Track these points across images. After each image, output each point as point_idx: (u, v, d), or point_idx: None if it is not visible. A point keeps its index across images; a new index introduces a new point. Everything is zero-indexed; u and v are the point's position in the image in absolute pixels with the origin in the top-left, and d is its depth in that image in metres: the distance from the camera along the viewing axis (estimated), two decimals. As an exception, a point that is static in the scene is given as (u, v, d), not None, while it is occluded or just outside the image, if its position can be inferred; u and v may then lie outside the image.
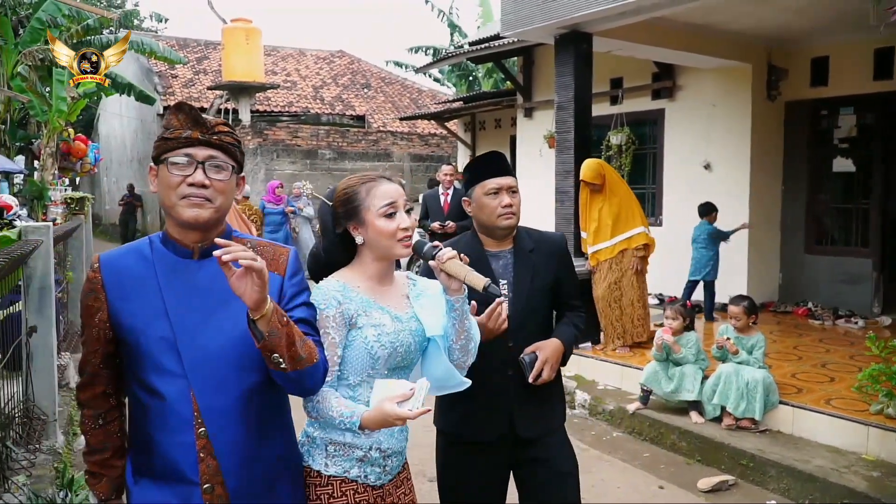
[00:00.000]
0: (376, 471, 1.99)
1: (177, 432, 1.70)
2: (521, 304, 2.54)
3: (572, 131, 6.44)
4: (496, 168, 2.58)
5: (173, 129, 1.71)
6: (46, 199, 13.94)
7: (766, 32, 7.71)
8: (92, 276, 1.76)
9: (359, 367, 1.96)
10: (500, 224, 2.54)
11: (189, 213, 1.70)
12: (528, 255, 2.60)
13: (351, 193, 2.04)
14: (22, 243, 3.80)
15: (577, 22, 6.05)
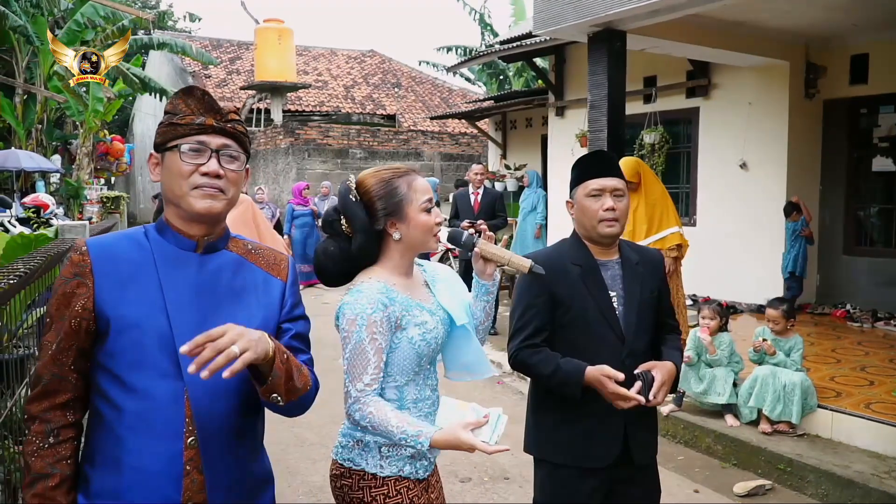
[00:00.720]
0: (424, 464, 2.01)
1: (163, 439, 1.53)
2: (632, 317, 2.38)
3: (605, 130, 6.36)
4: (601, 167, 2.38)
5: (183, 114, 1.59)
6: (82, 198, 14.22)
7: (804, 29, 7.55)
8: (78, 259, 1.56)
9: (406, 367, 1.96)
10: (601, 231, 2.35)
11: (201, 205, 1.58)
12: (634, 266, 2.44)
13: (391, 188, 1.97)
14: (59, 242, 3.84)
15: (611, 19, 5.96)
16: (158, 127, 1.62)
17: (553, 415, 2.44)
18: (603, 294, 2.37)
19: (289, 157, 14.92)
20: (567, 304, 2.37)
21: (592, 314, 2.35)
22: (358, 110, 22.16)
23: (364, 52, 26.72)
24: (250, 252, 1.74)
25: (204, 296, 1.61)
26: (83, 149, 14.74)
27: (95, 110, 14.44)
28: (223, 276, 1.64)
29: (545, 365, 2.33)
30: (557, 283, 2.36)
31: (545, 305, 2.38)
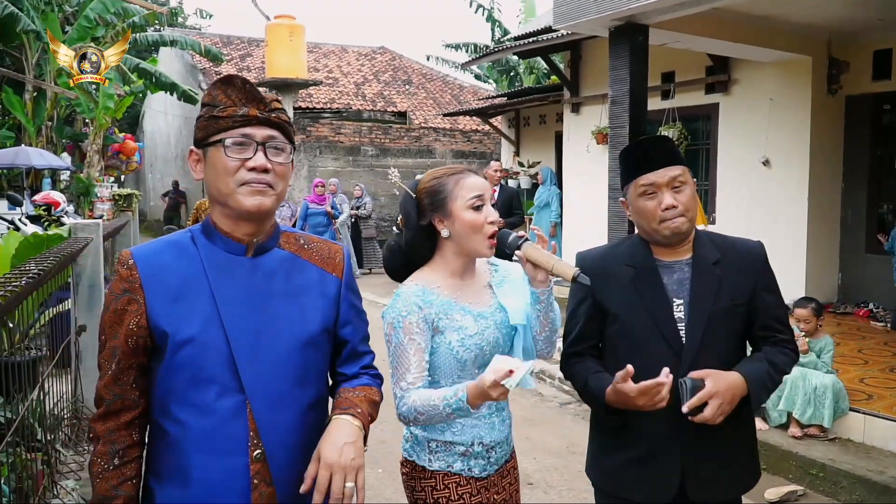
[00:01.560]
0: (480, 463, 2.00)
1: (228, 455, 1.48)
2: (697, 331, 1.98)
3: (627, 126, 6.23)
4: (651, 159, 2.01)
5: (224, 105, 1.49)
6: (93, 195, 14.15)
7: (827, 24, 7.40)
8: (126, 274, 1.49)
9: (447, 371, 1.95)
10: (663, 231, 2.00)
11: (251, 202, 1.49)
12: (711, 268, 2.03)
13: (438, 185, 1.97)
14: (72, 241, 3.75)
15: (634, 13, 5.83)
16: (197, 121, 1.53)
17: (602, 437, 2.18)
18: (660, 301, 2.02)
19: (300, 155, 14.83)
20: (613, 312, 2.07)
21: (644, 325, 2.02)
22: (369, 107, 22.03)
23: (374, 49, 26.60)
24: (303, 247, 1.67)
25: (258, 302, 1.55)
26: (94, 146, 14.68)
27: (106, 107, 14.37)
28: (277, 279, 1.58)
29: (578, 378, 2.10)
30: (603, 287, 2.06)
31: (588, 312, 2.12)
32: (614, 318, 2.08)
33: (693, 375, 1.91)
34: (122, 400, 1.52)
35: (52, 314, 4.22)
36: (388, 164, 15.31)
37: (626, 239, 2.21)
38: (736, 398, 1.90)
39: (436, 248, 2.02)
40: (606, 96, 9.09)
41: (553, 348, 2.06)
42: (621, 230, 6.39)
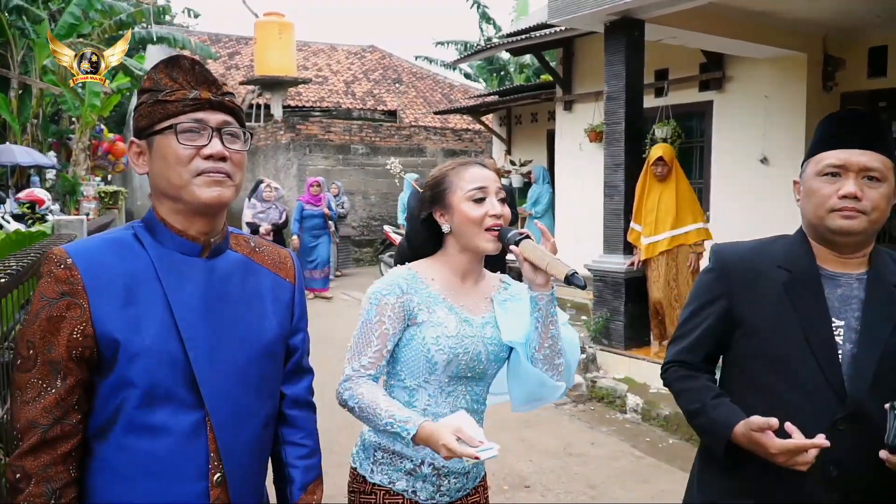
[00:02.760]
0: (428, 488, 1.80)
1: (184, 481, 1.31)
2: (868, 362, 1.54)
3: (623, 122, 6.16)
4: (848, 135, 1.59)
5: (170, 89, 1.33)
6: (79, 193, 13.96)
7: (823, 21, 7.34)
8: (64, 275, 1.27)
9: (415, 369, 1.77)
10: (830, 224, 1.59)
11: (209, 193, 1.33)
12: (891, 288, 1.60)
13: (440, 177, 1.84)
14: (55, 238, 3.62)
15: (630, 8, 5.75)
16: (137, 109, 1.35)
17: (721, 485, 1.73)
18: (820, 319, 1.59)
19: (290, 153, 14.68)
20: (753, 323, 1.66)
21: (794, 346, 1.59)
22: (359, 106, 21.92)
23: (364, 48, 26.47)
24: (254, 250, 1.52)
25: (216, 309, 1.38)
26: (80, 144, 14.49)
27: (92, 105, 14.18)
28: (232, 283, 1.42)
29: (691, 398, 1.71)
30: (745, 289, 1.68)
31: (717, 316, 1.73)
32: (753, 331, 1.67)
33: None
34: (61, 426, 1.27)
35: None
36: (379, 162, 15.18)
37: (783, 236, 1.79)
38: None
39: (439, 246, 1.88)
40: (599, 94, 9.02)
41: (557, 373, 1.79)
42: (617, 227, 6.32)
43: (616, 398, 5.85)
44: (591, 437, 5.21)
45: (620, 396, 5.80)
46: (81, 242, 1.38)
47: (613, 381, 6.04)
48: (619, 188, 6.27)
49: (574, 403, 5.98)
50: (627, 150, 6.20)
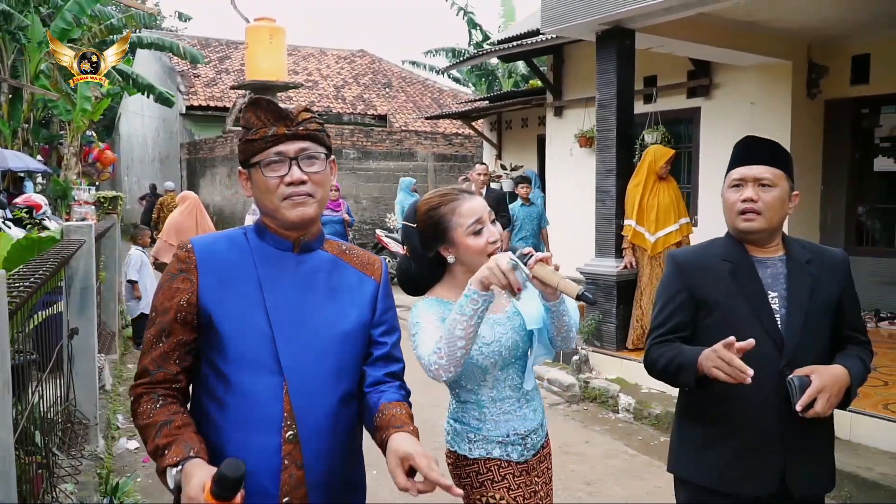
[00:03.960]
0: (518, 449, 2.11)
1: (261, 432, 1.54)
2: (797, 322, 2.05)
3: (614, 129, 6.30)
4: (750, 154, 2.12)
5: (255, 128, 1.59)
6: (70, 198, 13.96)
7: (807, 29, 7.53)
8: (184, 255, 1.60)
9: (472, 376, 2.08)
10: (738, 225, 2.10)
11: (294, 214, 1.61)
12: (804, 266, 2.11)
13: (436, 217, 2.05)
14: (65, 243, 3.71)
15: (621, 17, 5.90)
16: (238, 143, 1.63)
17: (700, 431, 2.18)
18: (757, 293, 2.08)
19: (281, 158, 14.76)
20: (711, 303, 2.12)
21: (742, 315, 2.06)
22: (349, 110, 22.03)
23: (354, 52, 26.59)
24: (344, 252, 1.76)
25: (301, 294, 1.64)
26: (71, 148, 14.50)
27: (84, 109, 14.19)
28: (319, 275, 1.67)
29: (668, 353, 2.11)
30: (700, 280, 2.15)
31: (684, 304, 2.16)
32: (711, 308, 2.12)
33: (798, 373, 1.95)
34: (163, 373, 1.58)
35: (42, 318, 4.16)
36: (371, 167, 15.29)
37: (718, 238, 2.27)
38: (842, 390, 1.95)
39: (445, 270, 2.14)
40: (589, 100, 9.18)
41: (569, 342, 2.14)
42: (609, 231, 6.46)
43: (608, 398, 5.98)
44: (586, 437, 5.34)
45: (613, 396, 5.93)
46: (203, 236, 1.70)
47: (606, 382, 6.18)
48: (610, 193, 6.42)
49: (568, 404, 6.11)
50: (619, 156, 6.35)
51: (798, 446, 2.04)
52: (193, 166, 20.10)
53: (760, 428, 2.04)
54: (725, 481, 2.09)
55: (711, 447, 2.12)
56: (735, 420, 2.07)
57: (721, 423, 2.10)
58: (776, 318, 2.06)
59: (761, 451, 2.04)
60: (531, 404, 2.17)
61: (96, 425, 4.05)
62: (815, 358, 2.02)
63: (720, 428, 2.11)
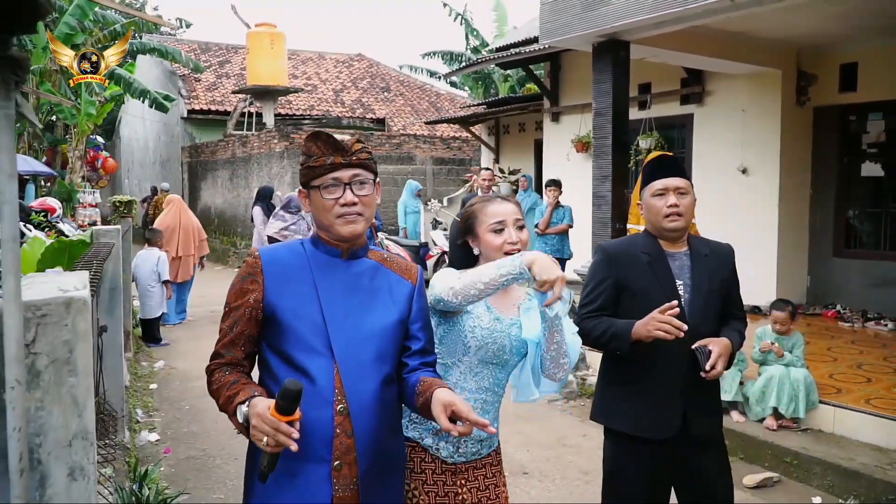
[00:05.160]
0: (448, 448, 2.18)
1: (316, 407, 1.79)
2: (698, 303, 2.59)
3: (610, 136, 6.56)
4: (665, 169, 2.62)
5: (316, 156, 1.89)
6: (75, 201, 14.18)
7: (796, 38, 7.81)
8: (252, 261, 1.92)
9: (452, 350, 2.21)
10: (666, 225, 2.58)
11: (346, 230, 1.91)
12: (703, 258, 2.65)
13: (469, 212, 2.33)
14: (97, 246, 3.95)
15: (617, 30, 6.17)
16: (301, 167, 1.96)
17: (618, 386, 2.67)
18: (669, 281, 2.59)
19: (283, 161, 14.99)
20: (633, 288, 2.61)
21: (657, 299, 2.49)
22: (348, 114, 22.26)
23: (352, 56, 26.82)
24: (385, 260, 2.05)
25: (349, 293, 1.93)
26: (76, 152, 14.72)
27: (88, 113, 14.42)
28: (363, 278, 1.97)
29: (601, 325, 2.58)
30: (625, 268, 2.63)
31: (609, 287, 2.64)
32: (633, 292, 2.62)
33: (700, 343, 2.48)
34: (232, 356, 1.90)
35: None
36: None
37: (638, 235, 2.80)
38: (729, 355, 2.53)
39: (475, 262, 2.33)
40: (586, 106, 9.46)
41: (560, 371, 2.21)
42: (604, 234, 6.71)
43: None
44: (583, 430, 5.60)
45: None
46: (268, 246, 1.99)
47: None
48: (606, 198, 6.68)
49: (565, 400, 6.36)
50: (615, 162, 6.60)
51: (695, 396, 2.58)
52: (195, 169, 20.31)
53: (666, 384, 2.57)
54: (639, 426, 2.59)
55: (628, 399, 2.63)
56: (646, 379, 2.58)
57: (635, 382, 2.63)
58: (682, 300, 2.57)
59: (667, 403, 2.57)
60: (487, 415, 2.19)
61: (123, 417, 4.29)
62: (710, 330, 2.58)
63: (634, 385, 2.63)
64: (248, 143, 16.79)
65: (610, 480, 2.71)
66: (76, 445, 1.56)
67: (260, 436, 1.63)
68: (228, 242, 17.19)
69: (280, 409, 1.60)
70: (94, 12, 15.02)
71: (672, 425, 2.55)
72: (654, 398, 2.57)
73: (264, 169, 15.86)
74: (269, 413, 1.61)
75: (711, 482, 2.63)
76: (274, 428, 1.60)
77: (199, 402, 6.17)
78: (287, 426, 1.60)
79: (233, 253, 16.53)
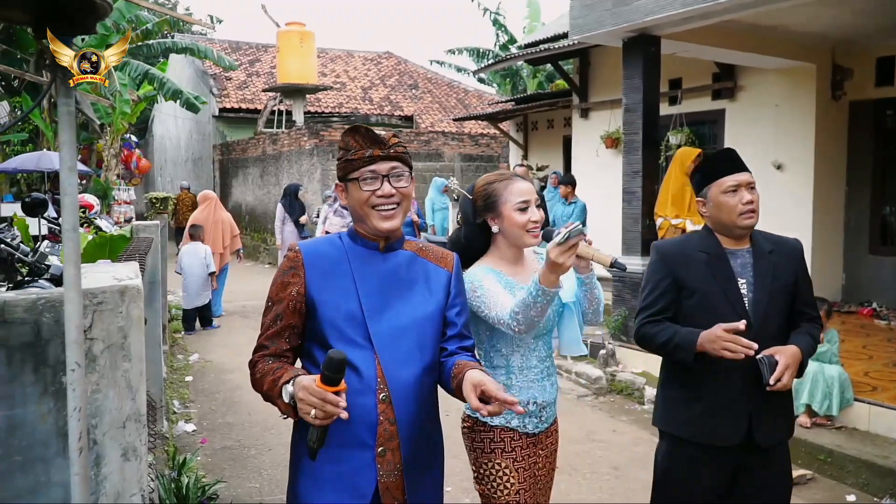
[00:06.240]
0: (534, 421, 2.36)
1: (360, 395, 1.83)
2: (762, 304, 2.47)
3: (640, 132, 6.55)
4: (733, 164, 2.51)
5: (354, 150, 1.93)
6: (111, 198, 14.48)
7: (831, 32, 7.70)
8: (293, 256, 1.96)
9: (508, 339, 2.34)
10: (741, 223, 2.47)
11: (383, 224, 1.93)
12: (767, 255, 2.53)
13: (491, 190, 2.36)
14: (137, 241, 4.05)
15: (647, 25, 6.15)
16: (338, 162, 2.00)
17: (680, 391, 2.58)
18: (730, 280, 2.49)
19: (313, 158, 15.12)
20: (691, 288, 2.52)
21: (718, 299, 2.46)
22: (376, 112, 22.38)
23: (380, 54, 26.94)
24: (421, 250, 2.09)
25: (387, 285, 1.97)
26: (111, 150, 15.00)
27: (123, 112, 14.69)
28: (401, 269, 2.00)
29: (665, 332, 2.49)
30: (683, 268, 2.54)
31: (669, 288, 2.55)
32: (692, 292, 2.52)
33: (766, 353, 2.36)
34: (275, 348, 1.93)
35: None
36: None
37: (696, 232, 2.70)
38: (798, 364, 2.40)
39: (489, 242, 2.42)
40: (615, 102, 9.44)
41: (599, 316, 2.43)
42: (635, 231, 6.70)
43: (634, 390, 6.24)
44: (612, 426, 5.60)
45: (639, 389, 6.18)
46: (307, 240, 2.10)
47: (632, 375, 6.43)
48: (636, 194, 6.67)
49: (595, 396, 6.37)
50: (645, 158, 6.59)
51: (763, 405, 2.45)
52: (226, 167, 20.55)
53: (730, 389, 2.46)
54: (701, 433, 2.49)
55: (689, 405, 2.53)
56: (709, 384, 2.47)
57: (698, 386, 2.51)
58: (745, 300, 2.48)
59: (732, 410, 2.46)
60: (551, 378, 2.42)
61: (161, 407, 4.39)
62: (776, 331, 2.47)
63: (697, 390, 2.52)
64: (278, 140, 16.96)
65: (663, 485, 2.63)
66: (129, 427, 1.63)
67: (307, 408, 1.64)
68: (259, 239, 17.38)
69: (326, 380, 1.63)
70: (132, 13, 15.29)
71: (736, 433, 2.45)
72: (717, 404, 2.47)
73: (294, 166, 16.01)
74: (316, 385, 1.64)
75: (769, 492, 2.53)
76: (321, 399, 1.62)
77: (233, 394, 6.29)
78: (334, 396, 1.63)
79: (263, 249, 16.70)
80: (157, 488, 3.36)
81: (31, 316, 1.50)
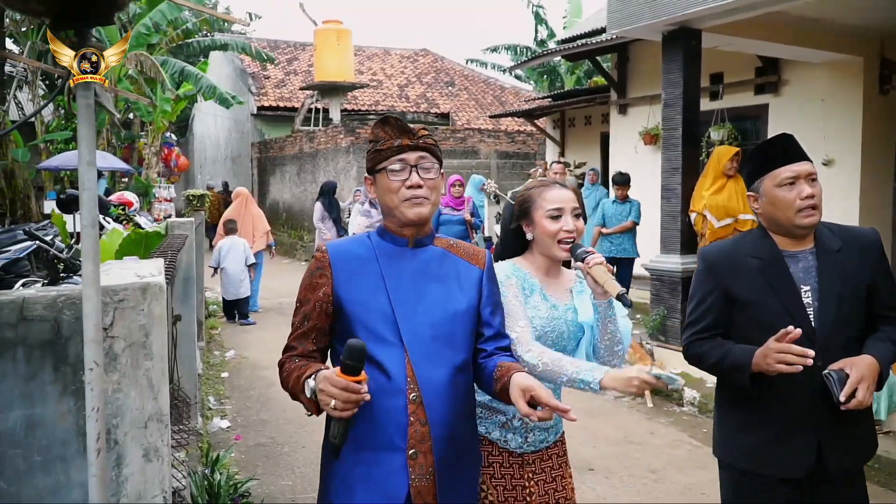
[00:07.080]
0: (517, 439, 2.19)
1: (390, 395, 1.79)
2: (829, 314, 2.14)
3: (680, 128, 6.40)
4: (790, 152, 2.18)
5: (384, 140, 1.89)
6: (151, 195, 14.69)
7: (879, 25, 7.45)
8: (320, 256, 1.94)
9: None
10: (800, 222, 2.14)
11: (412, 213, 1.89)
12: (834, 255, 2.19)
13: (527, 195, 2.28)
14: (171, 238, 4.07)
15: (688, 18, 6.00)
16: (368, 153, 1.96)
17: (736, 416, 2.30)
18: (789, 288, 2.17)
19: (349, 156, 15.17)
20: (744, 301, 2.21)
21: (775, 311, 2.15)
22: (412, 109, 22.39)
23: (417, 52, 26.95)
24: (452, 246, 2.04)
25: (416, 281, 1.92)
26: (152, 148, 15.22)
27: (164, 111, 14.89)
28: (431, 266, 1.95)
29: (716, 351, 2.23)
30: (733, 278, 2.24)
31: (719, 301, 2.27)
32: (745, 305, 2.22)
33: (834, 367, 2.05)
34: (303, 349, 1.91)
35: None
36: (435, 164, 15.57)
37: (748, 233, 2.37)
38: (875, 377, 2.06)
39: (525, 249, 2.33)
40: (654, 97, 9.27)
41: (615, 358, 2.18)
42: (674, 228, 6.56)
43: (673, 392, 6.11)
44: (650, 428, 5.49)
45: (677, 390, 6.05)
46: (335, 240, 2.00)
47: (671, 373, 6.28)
48: (676, 191, 6.52)
49: (632, 397, 6.24)
50: (684, 155, 6.44)
51: (832, 430, 2.14)
52: (264, 165, 20.75)
53: (794, 413, 2.16)
54: (766, 464, 2.19)
55: (749, 432, 2.24)
56: (770, 406, 2.18)
57: (758, 410, 2.22)
58: (808, 312, 2.16)
59: (798, 436, 2.16)
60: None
61: (196, 404, 4.41)
62: (846, 344, 2.14)
63: (757, 414, 2.23)
64: (315, 138, 17.05)
65: None
66: (151, 427, 1.60)
67: (328, 399, 1.62)
68: (296, 236, 17.50)
69: (346, 369, 1.61)
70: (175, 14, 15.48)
71: (804, 462, 2.15)
72: (780, 429, 2.16)
73: (331, 164, 16.08)
74: (336, 375, 1.62)
75: None
76: (341, 388, 1.60)
77: (268, 391, 6.31)
78: (355, 384, 1.60)
79: (300, 246, 16.82)
80: (188, 485, 3.37)
81: (51, 313, 1.49)
